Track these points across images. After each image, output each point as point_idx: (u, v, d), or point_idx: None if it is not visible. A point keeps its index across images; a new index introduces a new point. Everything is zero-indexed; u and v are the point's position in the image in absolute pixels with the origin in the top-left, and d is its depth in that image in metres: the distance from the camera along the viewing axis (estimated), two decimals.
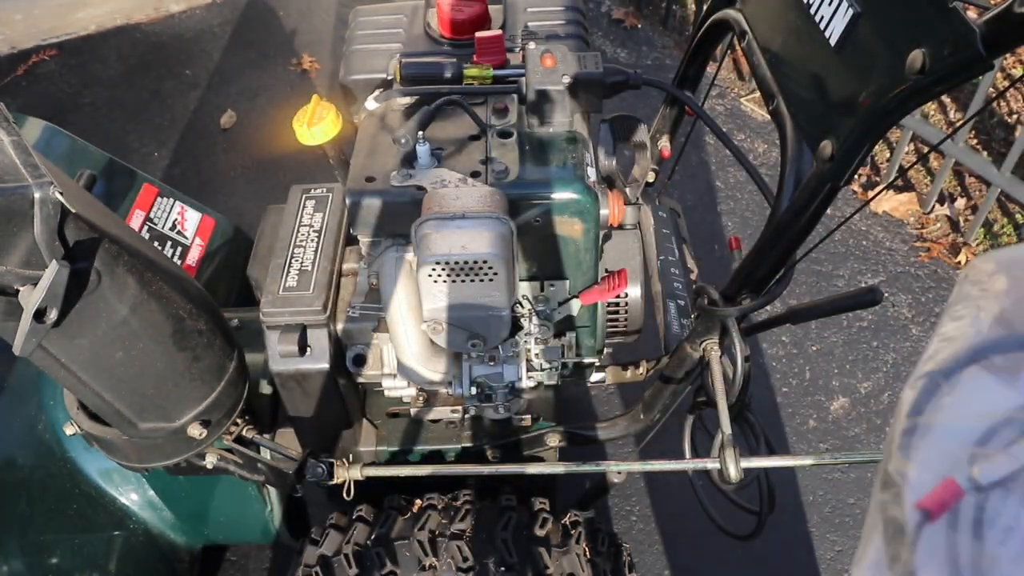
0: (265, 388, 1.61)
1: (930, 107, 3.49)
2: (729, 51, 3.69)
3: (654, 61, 3.94)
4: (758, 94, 3.64)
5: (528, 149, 1.23)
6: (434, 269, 1.13)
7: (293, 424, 1.50)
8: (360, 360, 1.44)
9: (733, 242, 1.45)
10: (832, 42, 0.92)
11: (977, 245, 3.01)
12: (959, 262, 2.95)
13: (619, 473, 1.57)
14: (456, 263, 1.12)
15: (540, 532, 1.41)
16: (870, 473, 2.41)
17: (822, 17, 0.95)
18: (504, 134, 1.26)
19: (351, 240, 1.43)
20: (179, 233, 2.05)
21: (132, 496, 1.74)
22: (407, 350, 1.36)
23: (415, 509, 1.46)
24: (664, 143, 1.54)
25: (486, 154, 1.23)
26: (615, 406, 2.55)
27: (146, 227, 1.97)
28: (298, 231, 1.43)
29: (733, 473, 1.21)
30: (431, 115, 1.23)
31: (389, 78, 1.38)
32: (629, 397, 2.56)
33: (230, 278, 2.16)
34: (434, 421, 1.60)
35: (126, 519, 1.74)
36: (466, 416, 1.56)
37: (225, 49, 4.06)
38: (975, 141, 3.34)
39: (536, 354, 1.41)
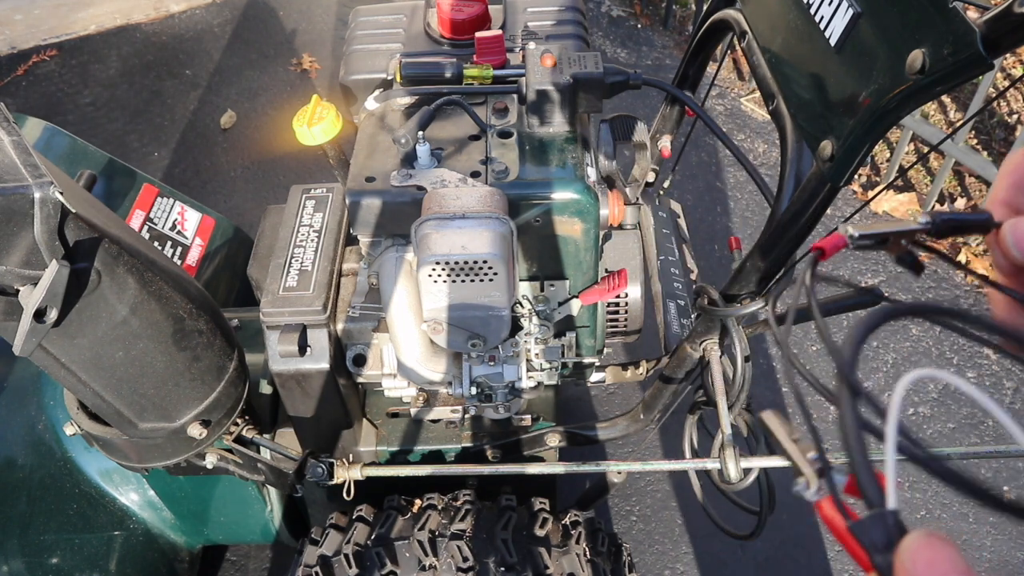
0: (265, 388, 1.61)
1: (930, 107, 3.49)
2: (729, 51, 3.70)
3: (654, 61, 3.94)
4: (758, 94, 3.64)
5: (528, 149, 1.23)
6: (434, 269, 1.13)
7: (293, 424, 1.50)
8: (360, 360, 1.44)
9: (733, 242, 1.45)
10: (832, 42, 0.92)
11: (977, 245, 3.01)
12: (959, 262, 2.95)
13: (619, 473, 1.58)
14: (456, 263, 1.12)
15: (540, 532, 1.41)
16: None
17: (822, 17, 0.95)
18: (504, 134, 1.26)
19: (351, 240, 1.43)
20: (179, 233, 2.05)
21: (132, 496, 1.74)
22: (407, 350, 1.36)
23: (415, 509, 1.46)
24: (664, 143, 1.54)
25: (486, 154, 1.23)
26: (615, 406, 2.55)
27: (146, 227, 1.97)
28: (298, 231, 1.43)
29: (733, 473, 1.21)
30: (431, 115, 1.23)
31: (389, 78, 1.38)
32: (629, 397, 2.56)
33: (230, 278, 2.16)
34: (434, 421, 1.60)
35: (126, 519, 1.74)
36: (466, 416, 1.56)
37: (225, 49, 4.06)
38: (975, 141, 3.34)
39: (536, 354, 1.41)
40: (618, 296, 1.43)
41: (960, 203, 3.14)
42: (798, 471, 0.55)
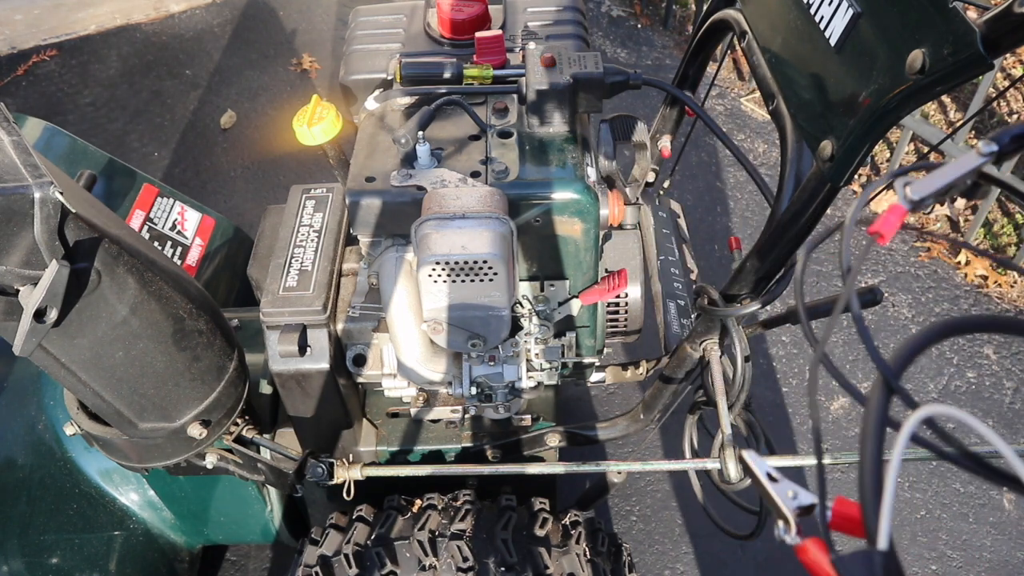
0: (265, 388, 1.61)
1: (930, 107, 3.49)
2: (729, 51, 3.70)
3: (654, 61, 3.94)
4: (758, 94, 3.64)
5: (528, 149, 1.23)
6: (434, 269, 1.13)
7: (293, 424, 1.50)
8: (360, 360, 1.44)
9: (733, 242, 1.45)
10: (832, 42, 0.92)
11: (977, 245, 3.01)
12: (959, 262, 2.95)
13: (619, 473, 1.58)
14: (456, 263, 1.12)
15: (540, 532, 1.41)
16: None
17: (822, 17, 0.95)
18: (504, 134, 1.26)
19: (351, 240, 1.43)
20: (179, 233, 2.05)
21: (132, 496, 1.74)
22: (407, 350, 1.36)
23: (415, 509, 1.46)
24: (664, 143, 1.55)
25: (486, 154, 1.23)
26: (615, 406, 2.55)
27: (146, 227, 1.97)
28: (298, 231, 1.43)
29: (733, 473, 1.21)
30: (431, 115, 1.23)
31: (389, 78, 1.38)
32: (629, 397, 2.56)
33: (230, 278, 2.16)
34: (434, 421, 1.60)
35: (126, 519, 1.74)
36: (466, 416, 1.56)
37: (225, 49, 4.06)
38: (975, 141, 3.34)
39: (536, 354, 1.41)
40: (618, 296, 1.43)
41: (960, 203, 3.14)
42: (779, 514, 0.51)
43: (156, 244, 1.97)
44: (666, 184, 1.70)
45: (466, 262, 1.12)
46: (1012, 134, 0.48)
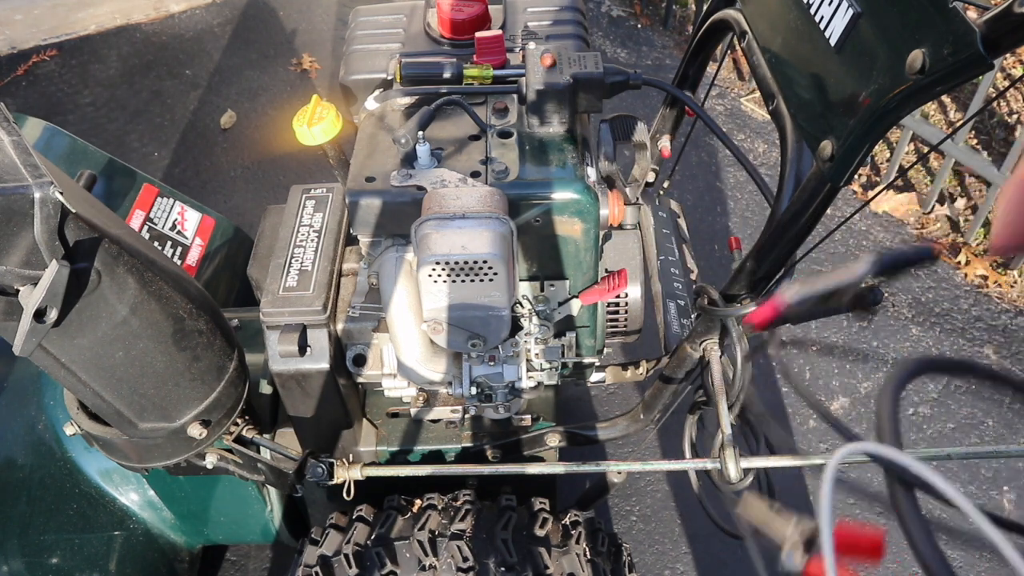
0: (265, 388, 1.62)
1: (930, 107, 3.49)
2: (729, 51, 3.70)
3: (654, 61, 3.94)
4: (758, 94, 3.64)
5: (528, 149, 1.23)
6: (434, 269, 1.13)
7: (293, 424, 1.50)
8: (360, 360, 1.44)
9: (733, 242, 1.45)
10: (832, 42, 0.92)
11: (977, 245, 3.01)
12: (959, 262, 2.95)
13: (619, 473, 1.58)
14: (456, 263, 1.12)
15: (540, 532, 1.41)
16: (870, 473, 2.41)
17: (822, 17, 0.95)
18: (504, 134, 1.26)
19: (351, 240, 1.43)
20: (179, 233, 2.05)
21: (132, 496, 1.74)
22: (407, 350, 1.36)
23: (415, 509, 1.46)
24: (664, 143, 1.55)
25: (486, 154, 1.23)
26: (615, 406, 2.55)
27: (146, 227, 1.97)
28: (298, 231, 1.43)
29: (733, 473, 1.21)
30: (431, 115, 1.23)
31: (389, 78, 1.38)
32: (629, 397, 2.56)
33: (230, 278, 2.16)
34: (434, 421, 1.60)
35: (126, 519, 1.74)
36: (466, 416, 1.56)
37: (225, 49, 4.06)
38: (975, 141, 3.34)
39: (536, 354, 1.41)
40: (618, 296, 1.43)
41: (960, 203, 3.14)
42: (784, 543, 0.54)
43: (156, 244, 1.97)
44: (666, 184, 1.70)
45: (466, 262, 1.12)
46: (884, 263, 0.50)
